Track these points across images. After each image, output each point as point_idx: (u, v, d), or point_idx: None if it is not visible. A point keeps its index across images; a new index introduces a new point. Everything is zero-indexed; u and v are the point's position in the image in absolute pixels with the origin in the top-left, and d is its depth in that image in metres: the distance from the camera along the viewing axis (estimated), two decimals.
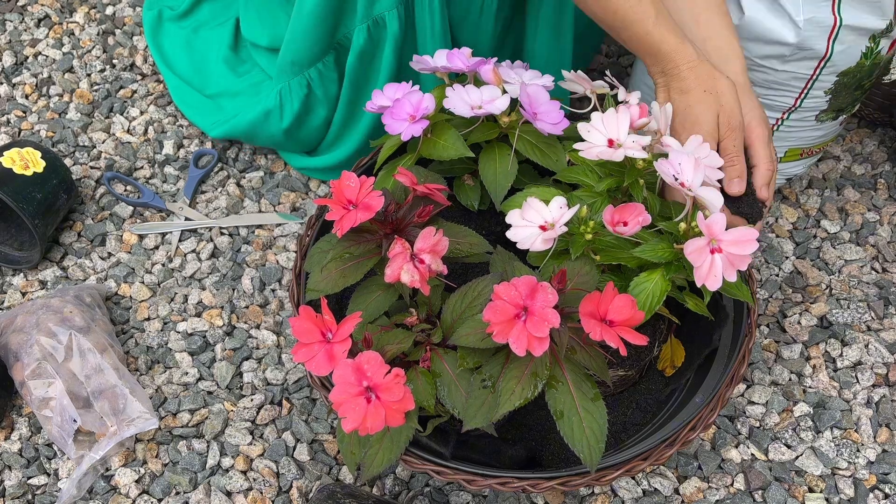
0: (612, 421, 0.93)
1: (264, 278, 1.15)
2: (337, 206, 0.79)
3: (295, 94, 1.15)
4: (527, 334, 0.67)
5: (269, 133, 1.20)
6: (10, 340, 1.02)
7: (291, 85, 1.15)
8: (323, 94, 1.16)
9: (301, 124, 1.19)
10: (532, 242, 0.77)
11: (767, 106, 1.03)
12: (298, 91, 1.15)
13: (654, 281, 0.75)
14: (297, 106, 1.16)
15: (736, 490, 0.98)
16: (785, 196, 1.22)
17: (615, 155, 0.78)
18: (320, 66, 1.13)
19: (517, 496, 0.97)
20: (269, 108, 1.17)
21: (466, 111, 0.86)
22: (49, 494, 0.98)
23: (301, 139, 1.22)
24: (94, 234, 1.19)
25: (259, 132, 1.20)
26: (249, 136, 1.22)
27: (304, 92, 1.15)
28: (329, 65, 1.13)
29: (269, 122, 1.18)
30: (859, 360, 1.07)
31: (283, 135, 1.19)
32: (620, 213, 0.76)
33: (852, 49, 0.94)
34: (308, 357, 0.70)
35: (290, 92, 1.15)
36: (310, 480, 0.98)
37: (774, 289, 1.13)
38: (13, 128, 1.30)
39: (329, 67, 1.13)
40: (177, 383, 1.06)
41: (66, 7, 1.45)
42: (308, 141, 1.22)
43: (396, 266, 0.74)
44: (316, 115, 1.18)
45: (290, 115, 1.17)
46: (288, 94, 1.16)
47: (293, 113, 1.16)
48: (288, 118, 1.17)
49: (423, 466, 0.79)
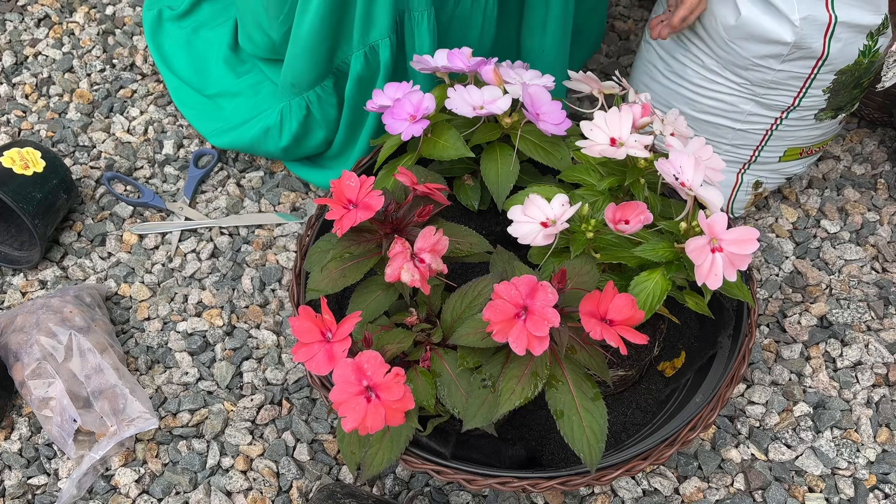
0: (612, 421, 0.93)
1: (264, 278, 1.15)
2: (337, 205, 0.79)
3: (294, 114, 1.17)
4: (527, 334, 0.67)
5: (267, 150, 1.21)
6: (10, 340, 1.02)
7: (292, 105, 1.16)
8: (322, 117, 1.17)
9: (299, 144, 1.20)
10: (533, 238, 0.77)
11: (766, 105, 1.03)
12: (298, 112, 1.16)
13: (655, 280, 0.75)
14: (296, 126, 1.17)
15: (736, 490, 0.98)
16: (785, 196, 1.22)
17: (617, 153, 0.78)
18: (319, 89, 1.14)
19: (517, 496, 0.97)
20: (270, 126, 1.19)
21: (468, 111, 0.86)
22: (49, 494, 0.98)
23: (299, 157, 1.23)
24: (94, 234, 1.19)
25: (258, 148, 1.22)
26: (249, 150, 1.24)
27: (304, 113, 1.17)
28: (328, 89, 1.14)
29: (269, 139, 1.19)
30: (859, 360, 1.07)
31: (281, 152, 1.21)
32: (622, 211, 0.76)
33: (849, 47, 0.94)
34: (308, 357, 0.70)
35: (290, 112, 1.17)
36: (310, 480, 0.98)
37: (774, 289, 1.13)
38: (13, 128, 1.30)
39: (328, 91, 1.15)
40: (177, 383, 1.06)
41: (66, 7, 1.45)
42: (307, 156, 1.24)
43: (397, 265, 0.74)
44: (314, 136, 1.20)
45: (288, 134, 1.18)
46: (288, 113, 1.17)
47: (291, 133, 1.18)
48: (286, 138, 1.18)
49: (423, 466, 0.79)
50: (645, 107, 0.83)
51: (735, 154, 1.11)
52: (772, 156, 1.10)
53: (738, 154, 1.11)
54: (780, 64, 0.97)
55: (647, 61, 1.12)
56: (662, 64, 1.09)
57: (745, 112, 1.04)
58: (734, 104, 1.04)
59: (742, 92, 1.02)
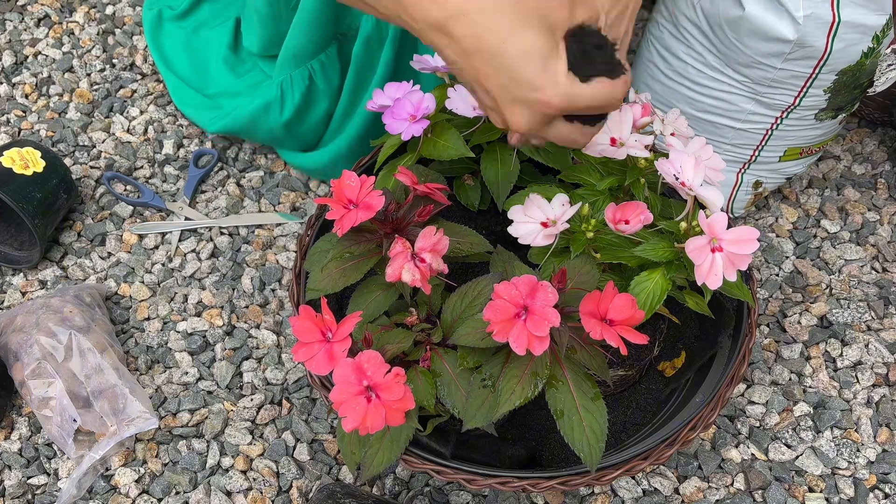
0: (612, 421, 0.93)
1: (264, 278, 1.15)
2: (337, 205, 0.78)
3: (297, 85, 1.14)
4: (527, 333, 0.67)
5: (268, 127, 1.18)
6: (9, 340, 1.02)
7: (293, 77, 1.14)
8: (325, 86, 1.15)
9: (301, 118, 1.18)
10: (533, 238, 0.77)
11: (767, 104, 1.03)
12: (300, 83, 1.14)
13: (655, 280, 0.75)
14: (299, 98, 1.15)
15: (736, 490, 0.98)
16: (785, 196, 1.22)
17: (617, 153, 0.78)
18: (323, 57, 1.12)
19: (517, 496, 0.97)
20: (270, 101, 1.16)
21: (469, 111, 0.86)
22: (49, 494, 0.98)
23: (300, 134, 1.20)
24: (94, 234, 1.19)
25: (258, 126, 1.19)
26: (248, 131, 1.21)
27: (306, 84, 1.14)
28: (332, 55, 1.12)
29: (269, 114, 1.17)
30: (859, 359, 1.07)
31: (282, 128, 1.18)
32: (622, 210, 0.76)
33: (852, 47, 0.94)
34: (308, 356, 0.70)
35: (291, 84, 1.14)
36: (310, 480, 0.98)
37: (774, 288, 1.13)
38: (13, 127, 1.30)
39: (332, 58, 1.13)
40: (177, 383, 1.06)
41: (66, 6, 1.45)
42: (307, 137, 1.21)
43: (397, 265, 0.74)
44: (317, 107, 1.17)
45: (290, 107, 1.16)
46: (289, 86, 1.15)
47: (294, 105, 1.15)
48: (288, 111, 1.16)
49: (423, 466, 0.79)
50: (645, 107, 0.83)
51: (735, 154, 1.11)
52: (772, 155, 1.10)
53: (739, 153, 1.11)
54: (783, 63, 0.97)
55: (648, 60, 1.12)
56: (663, 63, 1.09)
57: (745, 111, 1.04)
58: (735, 103, 1.04)
59: (743, 90, 1.02)
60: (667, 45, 1.08)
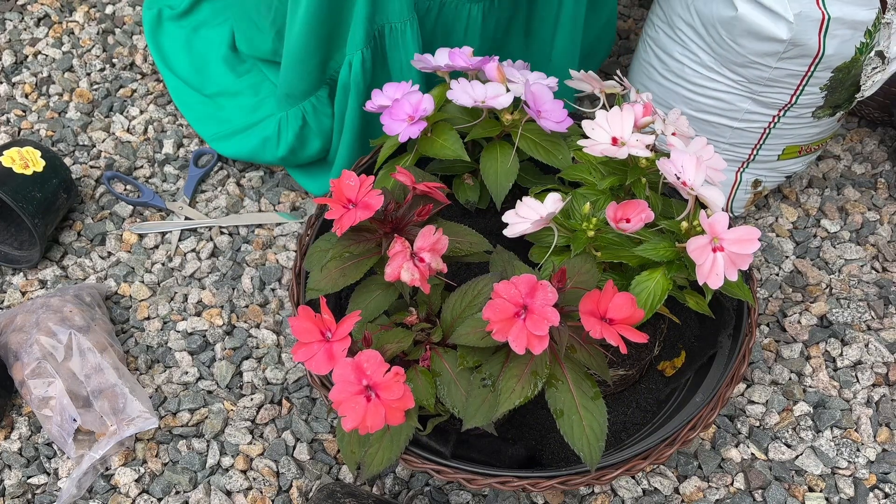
0: (612, 420, 0.93)
1: (264, 278, 1.15)
2: (337, 204, 0.78)
3: (291, 125, 1.17)
4: (526, 333, 0.67)
5: (266, 160, 1.22)
6: (9, 340, 1.02)
7: (289, 115, 1.17)
8: (317, 128, 1.17)
9: (295, 154, 1.20)
10: (524, 229, 0.77)
11: (763, 103, 1.03)
12: (294, 123, 1.17)
13: (656, 280, 0.75)
14: (292, 137, 1.17)
15: (736, 489, 0.98)
16: (785, 195, 1.22)
17: (619, 153, 0.78)
18: (314, 99, 1.14)
19: (517, 495, 0.97)
20: (267, 136, 1.19)
21: (469, 102, 0.86)
22: (49, 494, 0.98)
23: (300, 164, 1.23)
24: (94, 234, 1.19)
25: (258, 157, 1.22)
26: (250, 159, 1.24)
27: (300, 124, 1.17)
28: (323, 99, 1.15)
29: (266, 149, 1.20)
30: (859, 359, 1.07)
31: (279, 161, 1.21)
32: (624, 209, 0.76)
33: (846, 44, 0.94)
34: (308, 356, 0.70)
35: (287, 122, 1.17)
36: (310, 480, 0.98)
37: (774, 288, 1.13)
38: (13, 127, 1.30)
39: (323, 102, 1.15)
40: (176, 383, 1.06)
41: (66, 6, 1.45)
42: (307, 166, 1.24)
43: (397, 265, 0.74)
44: (310, 146, 1.20)
45: (285, 145, 1.18)
46: (286, 124, 1.17)
47: (288, 144, 1.18)
48: (283, 148, 1.18)
49: (423, 466, 0.79)
50: (646, 106, 0.83)
51: (733, 153, 1.11)
52: (770, 154, 1.10)
53: (737, 153, 1.11)
54: (777, 61, 0.97)
55: (645, 61, 1.12)
56: (660, 64, 1.09)
57: (742, 110, 1.04)
58: (732, 102, 1.04)
59: (739, 90, 1.02)
60: (663, 45, 1.08)
